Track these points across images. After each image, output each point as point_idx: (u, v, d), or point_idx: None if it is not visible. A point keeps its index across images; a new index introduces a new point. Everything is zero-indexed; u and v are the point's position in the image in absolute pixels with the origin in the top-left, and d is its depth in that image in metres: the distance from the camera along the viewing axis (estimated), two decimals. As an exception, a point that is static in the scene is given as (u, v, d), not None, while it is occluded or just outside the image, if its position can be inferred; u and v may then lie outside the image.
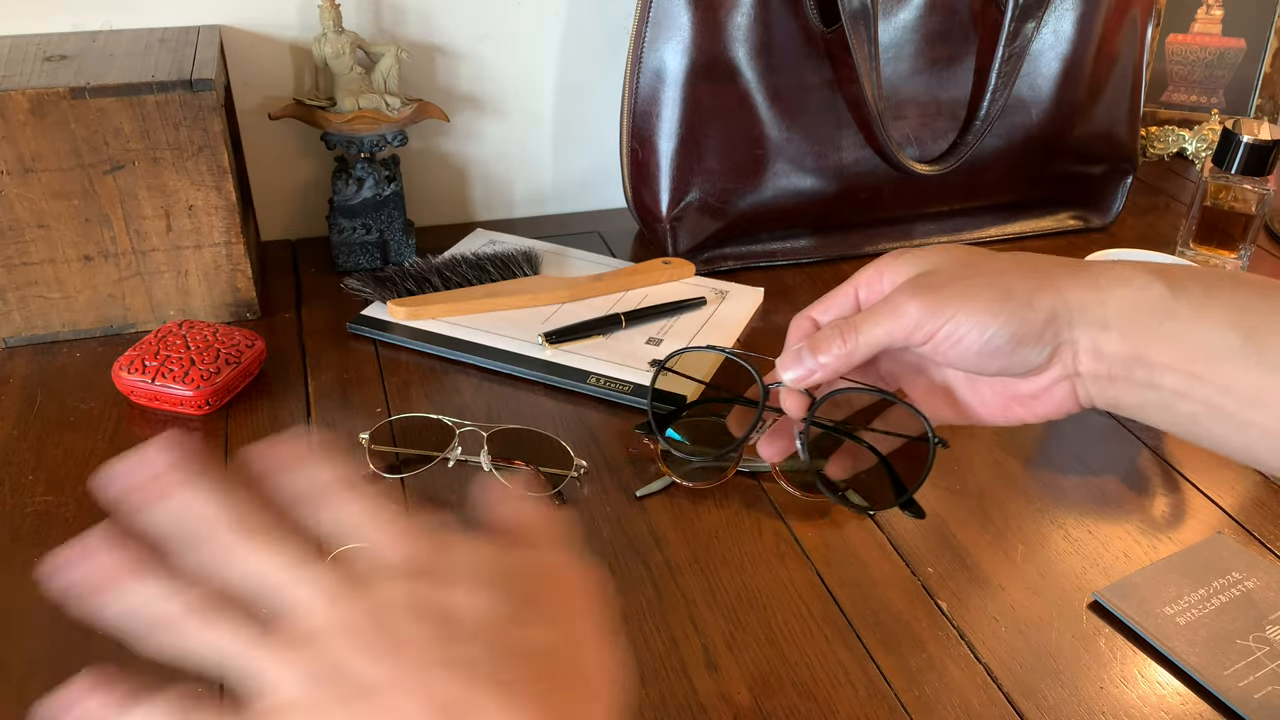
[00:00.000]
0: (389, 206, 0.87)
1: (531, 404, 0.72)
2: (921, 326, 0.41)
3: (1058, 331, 0.41)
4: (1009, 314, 0.41)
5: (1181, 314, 0.39)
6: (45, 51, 0.76)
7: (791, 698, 0.51)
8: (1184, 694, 0.52)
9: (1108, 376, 0.41)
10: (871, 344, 0.43)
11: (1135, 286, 0.40)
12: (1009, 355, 0.41)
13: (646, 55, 0.83)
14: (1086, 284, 0.41)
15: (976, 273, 0.42)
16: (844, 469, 0.48)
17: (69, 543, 0.30)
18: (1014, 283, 0.41)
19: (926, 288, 0.42)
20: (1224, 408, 0.39)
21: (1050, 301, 0.41)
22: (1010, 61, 0.88)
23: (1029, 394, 0.44)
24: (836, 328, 0.43)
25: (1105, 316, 0.40)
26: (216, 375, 0.70)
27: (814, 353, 0.44)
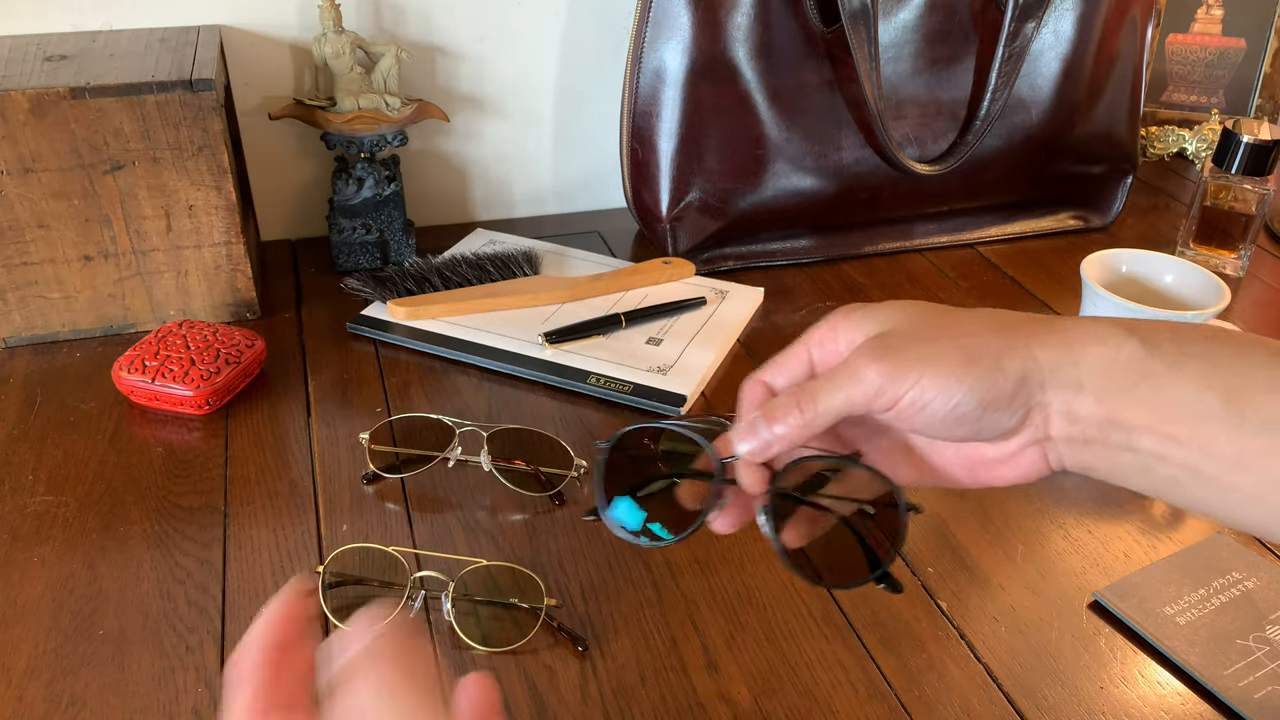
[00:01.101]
0: (389, 206, 0.87)
1: (531, 404, 0.72)
2: (884, 393, 0.38)
3: (1029, 395, 0.39)
4: (976, 378, 0.38)
5: (1157, 373, 0.37)
6: (45, 51, 0.76)
7: (791, 698, 0.51)
8: (1184, 694, 0.52)
9: (1082, 440, 0.39)
10: (831, 412, 0.40)
11: (1110, 345, 0.38)
12: (977, 421, 0.39)
13: (646, 55, 0.83)
14: (1058, 343, 0.39)
15: (940, 334, 0.40)
16: (795, 538, 0.43)
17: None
18: (981, 344, 0.39)
19: (887, 351, 0.39)
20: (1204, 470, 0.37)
21: (1020, 364, 0.38)
22: (1010, 61, 0.88)
23: (996, 458, 0.41)
24: (793, 396, 0.40)
25: (1079, 377, 0.38)
26: (216, 375, 0.70)
27: (769, 423, 0.40)
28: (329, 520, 0.61)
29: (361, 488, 0.64)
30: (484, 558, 0.58)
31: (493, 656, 0.53)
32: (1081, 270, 0.73)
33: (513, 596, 0.56)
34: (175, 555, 0.58)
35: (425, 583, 0.55)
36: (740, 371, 0.77)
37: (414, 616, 0.55)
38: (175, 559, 0.58)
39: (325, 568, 0.56)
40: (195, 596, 0.56)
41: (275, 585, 0.57)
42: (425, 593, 0.55)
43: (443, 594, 0.54)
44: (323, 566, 0.56)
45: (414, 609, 0.55)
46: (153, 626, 0.54)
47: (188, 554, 0.59)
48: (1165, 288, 0.75)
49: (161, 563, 0.58)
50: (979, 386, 0.38)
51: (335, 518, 0.62)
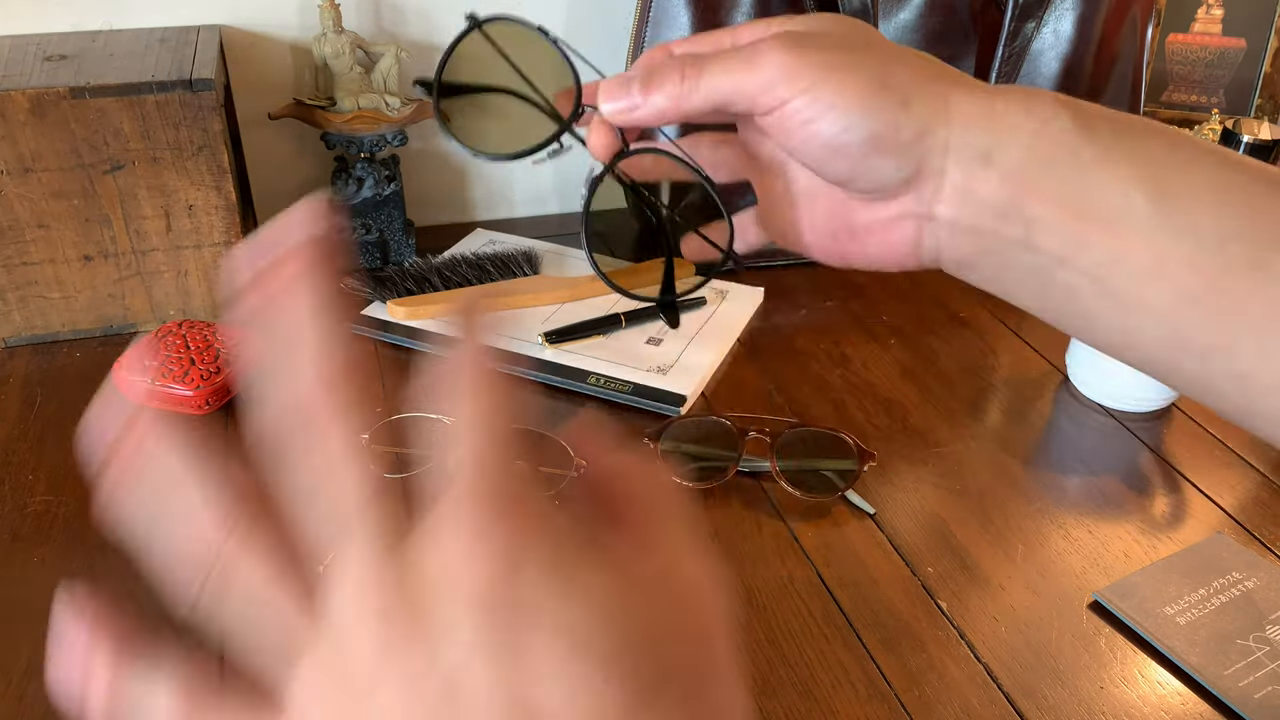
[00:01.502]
0: (389, 206, 0.87)
1: (531, 404, 0.72)
2: (773, 88, 0.33)
3: (926, 151, 0.33)
4: (878, 106, 0.33)
5: (1084, 158, 0.32)
6: (45, 51, 0.76)
7: (791, 698, 0.51)
8: (1184, 694, 0.52)
9: (969, 228, 0.34)
10: (711, 91, 0.34)
11: (1036, 116, 0.33)
12: (859, 159, 0.34)
13: (646, 55, 0.83)
14: (979, 102, 0.33)
15: (861, 48, 0.34)
16: (616, 237, 0.39)
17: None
18: (896, 73, 0.34)
19: (795, 46, 0.34)
20: (1110, 280, 0.32)
21: (930, 110, 0.33)
22: (1010, 61, 0.88)
23: (863, 225, 0.37)
24: (679, 63, 0.35)
25: (990, 147, 0.33)
26: (216, 375, 0.70)
27: (645, 87, 0.35)
28: (329, 520, 0.61)
29: (361, 488, 0.64)
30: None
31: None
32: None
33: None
34: (175, 555, 0.58)
35: None
36: (740, 371, 0.77)
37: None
38: (175, 559, 0.58)
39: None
40: (195, 596, 0.56)
41: (275, 585, 0.57)
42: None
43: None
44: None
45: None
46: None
47: (188, 554, 0.58)
48: (1165, 288, 0.75)
49: (161, 563, 0.58)
50: (876, 117, 0.33)
51: (335, 518, 0.61)
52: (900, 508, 0.64)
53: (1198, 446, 0.70)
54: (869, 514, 0.63)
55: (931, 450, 0.69)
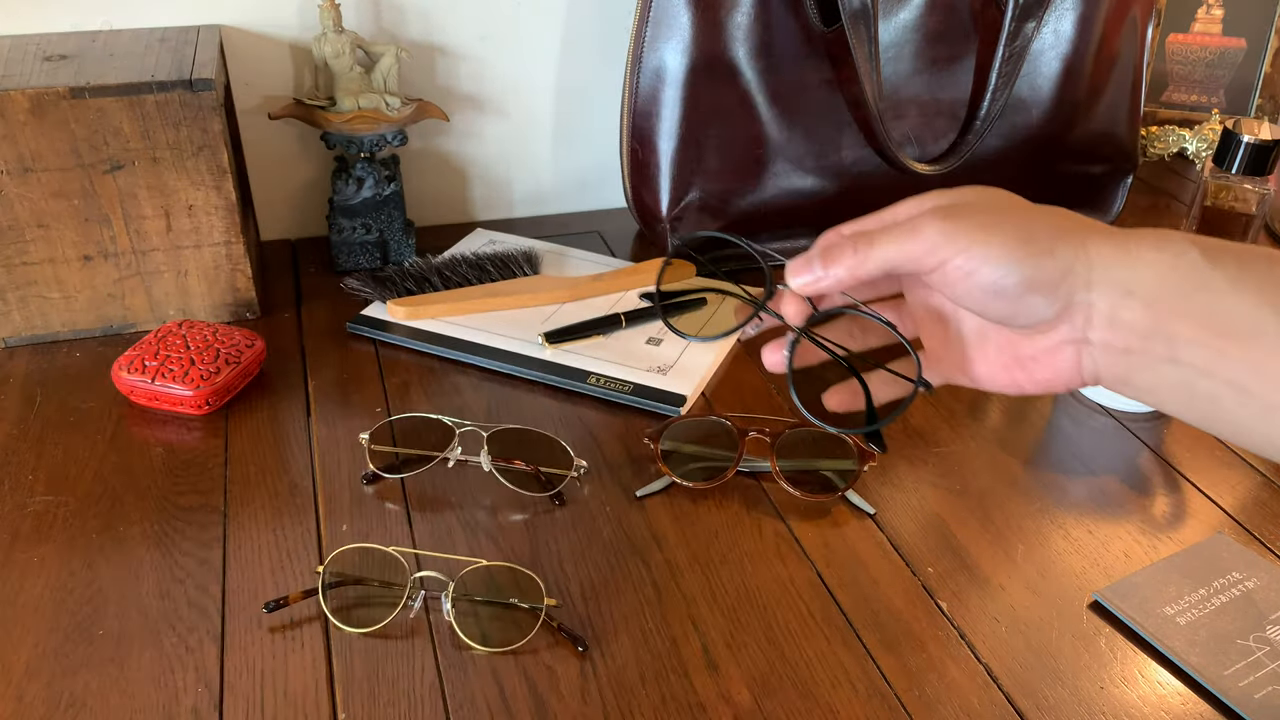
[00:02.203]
0: (389, 206, 0.87)
1: (531, 404, 0.72)
2: (936, 251, 0.40)
3: (1072, 288, 0.39)
4: (1025, 255, 0.39)
5: (1215, 285, 0.37)
6: (45, 51, 0.76)
7: (791, 698, 0.51)
8: (1184, 694, 0.52)
9: (1121, 348, 0.39)
10: (883, 259, 0.41)
11: (1168, 252, 0.38)
12: (1016, 300, 0.39)
13: (646, 55, 0.83)
14: (1115, 243, 0.39)
15: (1004, 211, 0.41)
16: (835, 403, 0.47)
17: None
18: (1039, 227, 0.40)
19: (951, 215, 0.41)
20: (1250, 388, 0.37)
21: (1071, 252, 0.39)
22: (1010, 61, 0.88)
23: (1030, 355, 0.42)
24: (852, 239, 0.42)
25: (1129, 281, 0.38)
26: (216, 375, 0.70)
27: (824, 261, 0.43)
28: (329, 520, 0.61)
29: (361, 488, 0.64)
30: (484, 558, 0.58)
31: (493, 657, 0.53)
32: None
33: (513, 597, 0.56)
34: (175, 555, 0.58)
35: (425, 583, 0.55)
36: (740, 372, 0.77)
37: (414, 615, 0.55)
38: (175, 559, 0.58)
39: (325, 568, 0.56)
40: (195, 596, 0.56)
41: (275, 585, 0.57)
42: (425, 593, 0.55)
43: (442, 594, 0.54)
44: (322, 566, 0.56)
45: (414, 609, 0.55)
46: (153, 626, 0.54)
47: (187, 554, 0.59)
48: (1165, 288, 0.75)
49: (161, 563, 0.58)
50: (1026, 264, 0.39)
51: (335, 518, 0.62)
52: (900, 508, 0.64)
53: (1198, 446, 0.70)
54: (869, 514, 0.63)
55: (931, 450, 0.69)
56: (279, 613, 0.55)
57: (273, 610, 0.54)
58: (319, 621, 0.55)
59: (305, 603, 0.55)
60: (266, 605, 0.55)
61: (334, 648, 0.53)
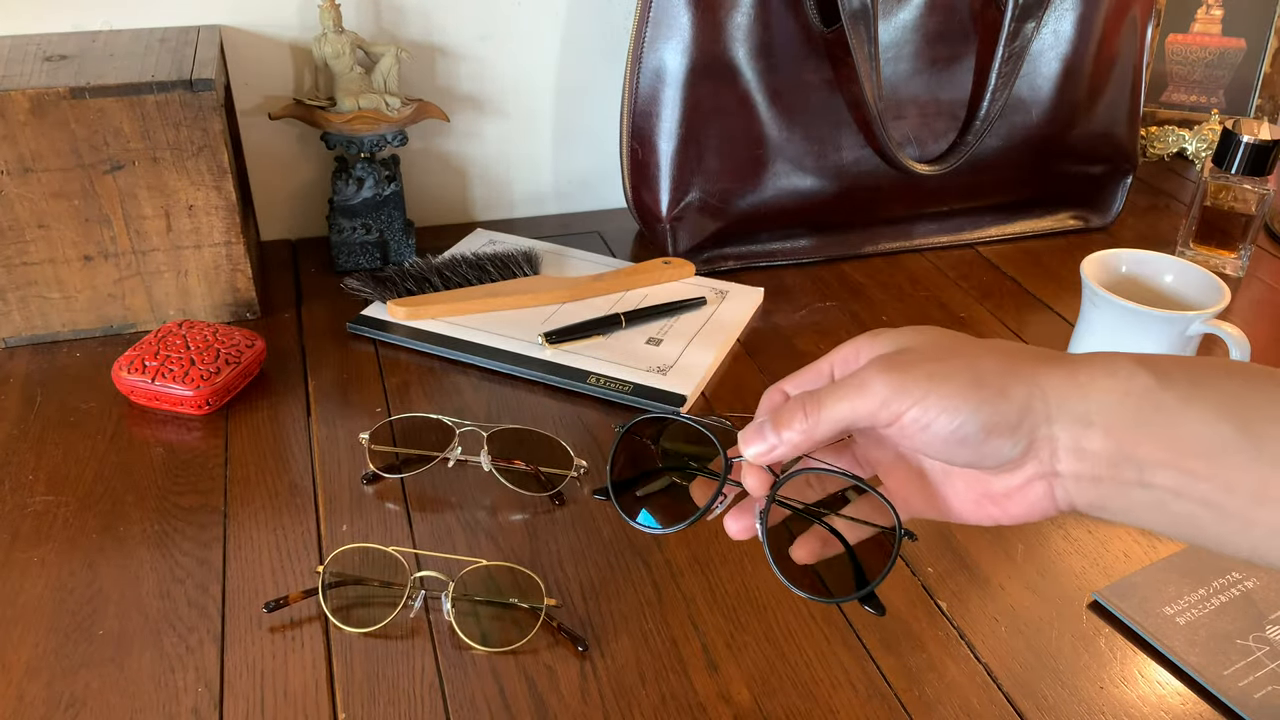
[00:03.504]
0: (389, 206, 0.87)
1: (531, 404, 0.72)
2: (888, 405, 0.39)
3: (1034, 425, 0.38)
4: (980, 401, 0.38)
5: (1170, 406, 0.37)
6: (45, 51, 0.76)
7: (791, 698, 0.51)
8: (1184, 694, 0.52)
9: (1091, 477, 0.38)
10: (834, 420, 0.40)
11: (1119, 378, 0.38)
12: (979, 446, 0.38)
13: (646, 55, 0.83)
14: (1065, 375, 0.38)
15: (951, 355, 0.40)
16: (805, 554, 0.44)
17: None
18: (987, 368, 0.39)
19: (896, 366, 0.39)
20: (1225, 506, 0.36)
21: (1025, 391, 0.38)
22: (1010, 61, 0.88)
23: (1001, 492, 0.41)
24: (800, 402, 0.41)
25: (1087, 411, 0.38)
26: (216, 375, 0.70)
27: (776, 428, 0.41)
28: (329, 520, 0.61)
29: (361, 488, 0.64)
30: (484, 558, 0.58)
31: (493, 657, 0.53)
32: (1081, 270, 0.73)
33: (513, 596, 0.56)
34: (175, 555, 0.58)
35: (425, 583, 0.55)
36: (740, 371, 0.77)
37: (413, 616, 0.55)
38: (175, 559, 0.58)
39: (325, 568, 0.56)
40: (195, 596, 0.56)
41: (275, 585, 0.57)
42: (425, 593, 0.55)
43: (443, 594, 0.54)
44: (322, 566, 0.56)
45: (414, 609, 0.55)
46: (153, 626, 0.54)
47: (187, 554, 0.59)
48: (1165, 288, 0.75)
49: (161, 563, 0.58)
50: (983, 410, 0.38)
51: (335, 518, 0.62)
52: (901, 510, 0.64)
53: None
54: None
55: (931, 450, 0.69)
56: (279, 612, 0.55)
57: (273, 610, 0.54)
58: (319, 621, 0.55)
59: (305, 603, 0.55)
60: (266, 605, 0.55)
61: (334, 648, 0.53)
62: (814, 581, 0.44)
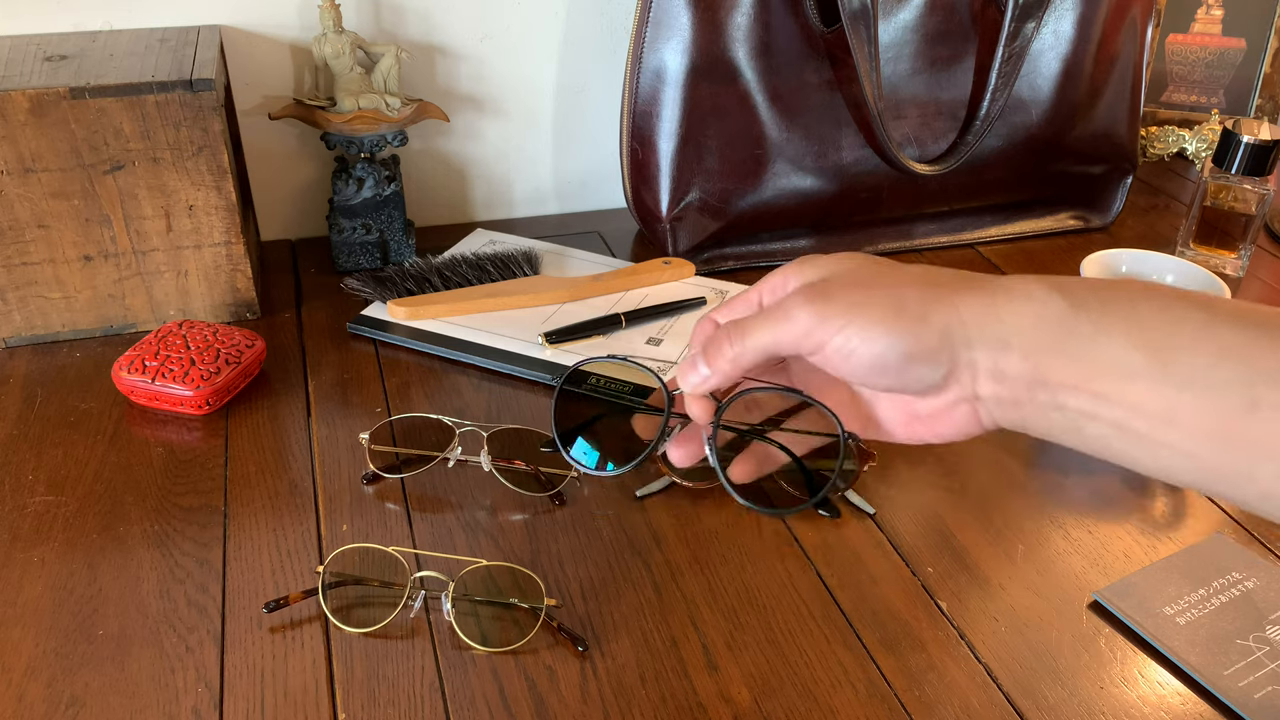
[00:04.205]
0: (389, 206, 0.87)
1: (531, 404, 0.72)
2: (811, 334, 0.40)
3: (954, 351, 0.39)
4: (901, 329, 0.39)
5: (1083, 331, 0.37)
6: (45, 51, 0.76)
7: (791, 698, 0.51)
8: (1184, 694, 0.52)
9: (1011, 400, 0.39)
10: (758, 348, 0.41)
11: (1035, 301, 0.38)
12: (900, 372, 0.39)
13: (646, 55, 0.83)
14: (983, 300, 0.39)
15: (874, 283, 0.41)
16: (754, 471, 0.45)
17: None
18: (908, 296, 0.40)
19: (819, 295, 0.40)
20: (1134, 428, 0.37)
21: (944, 317, 0.39)
22: (1010, 61, 0.88)
23: (928, 413, 0.42)
24: (726, 332, 0.42)
25: (1004, 334, 0.38)
26: (216, 375, 0.70)
27: (706, 359, 0.43)
28: (329, 520, 0.61)
29: (361, 488, 0.64)
30: (484, 558, 0.58)
31: (493, 656, 0.53)
32: (1081, 270, 0.73)
33: (513, 596, 0.56)
34: (175, 555, 0.58)
35: (425, 583, 0.55)
36: (740, 371, 0.77)
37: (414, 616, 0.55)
38: (175, 559, 0.58)
39: (325, 568, 0.56)
40: (195, 596, 0.56)
41: (275, 585, 0.57)
42: (425, 593, 0.55)
43: (443, 594, 0.54)
44: (323, 566, 0.56)
45: (414, 609, 0.55)
46: (153, 626, 0.54)
47: (188, 554, 0.59)
48: (1165, 288, 0.75)
49: (161, 563, 0.58)
50: (904, 338, 0.39)
51: (335, 518, 0.62)
52: (900, 508, 0.64)
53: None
54: (869, 514, 0.63)
55: (931, 450, 0.69)
56: (279, 613, 0.55)
57: (273, 610, 0.54)
58: (319, 621, 0.55)
59: (305, 603, 0.55)
60: (266, 605, 0.55)
61: (334, 648, 0.53)
62: (770, 499, 0.45)
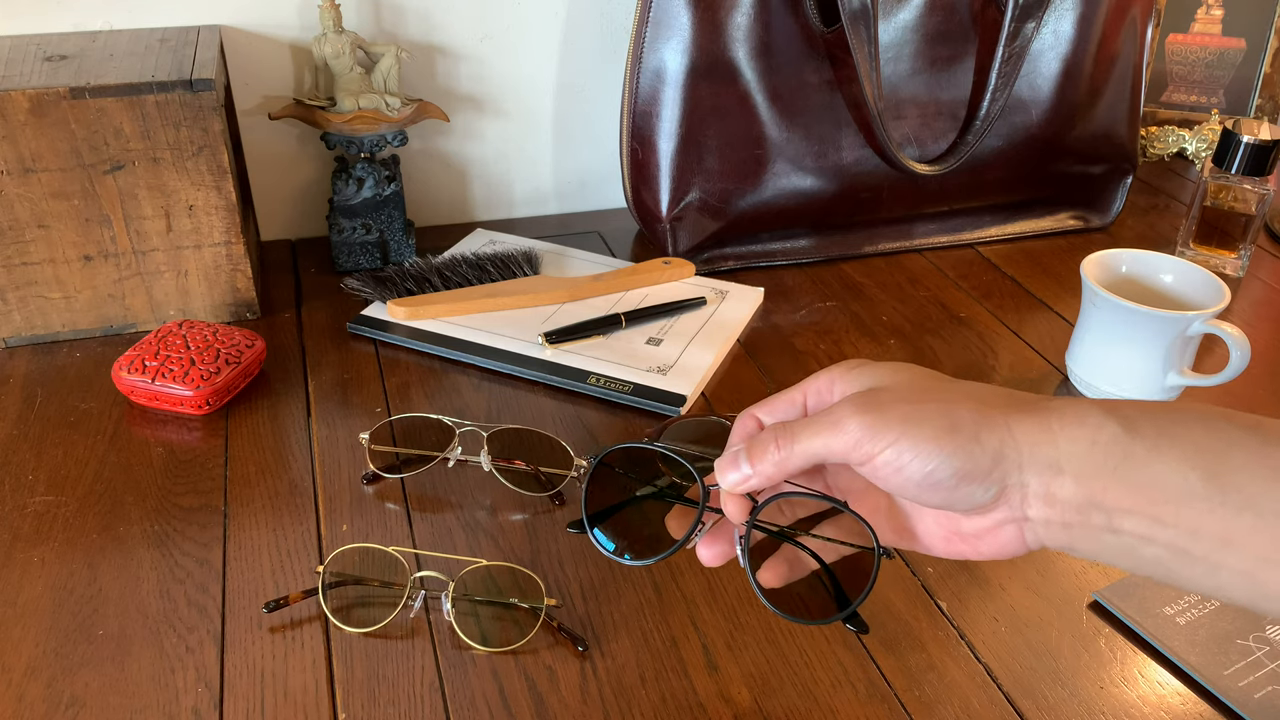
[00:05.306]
0: (389, 206, 0.87)
1: (531, 404, 0.72)
2: (860, 446, 0.39)
3: (1005, 473, 0.39)
4: (955, 448, 0.38)
5: (1137, 455, 0.37)
6: (45, 51, 0.76)
7: (791, 698, 0.51)
8: (1184, 694, 0.52)
9: (1061, 523, 0.39)
10: (807, 455, 0.41)
11: (1088, 427, 0.38)
12: (951, 491, 0.39)
13: (646, 55, 0.83)
14: (1036, 423, 0.39)
15: (926, 398, 0.40)
16: (784, 576, 0.45)
17: None
18: (962, 414, 0.39)
19: (871, 406, 0.40)
20: (1191, 551, 0.37)
21: (998, 439, 0.39)
22: (1010, 61, 0.88)
23: (972, 532, 0.42)
24: (773, 434, 0.42)
25: (1057, 459, 0.38)
26: (216, 375, 0.70)
27: (750, 458, 0.42)
28: (329, 520, 0.61)
29: (361, 488, 0.64)
30: (484, 558, 0.58)
31: (493, 656, 0.53)
32: (1081, 270, 0.73)
33: (513, 596, 0.56)
34: (175, 555, 0.58)
35: (425, 583, 0.55)
36: (740, 371, 0.77)
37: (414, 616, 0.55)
38: (175, 559, 0.58)
39: (325, 568, 0.56)
40: (195, 596, 0.56)
41: (275, 585, 0.57)
42: (425, 593, 0.55)
43: (443, 594, 0.54)
44: (323, 566, 0.56)
45: (414, 609, 0.55)
46: (153, 626, 0.54)
47: (188, 554, 0.59)
48: (1165, 288, 0.75)
49: (161, 563, 0.58)
50: (956, 456, 0.38)
51: (335, 518, 0.62)
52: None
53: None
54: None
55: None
56: (279, 613, 0.55)
57: (273, 610, 0.54)
58: (319, 621, 0.55)
59: (305, 603, 0.55)
60: (266, 605, 0.55)
61: (334, 648, 0.53)
62: (797, 604, 0.45)
